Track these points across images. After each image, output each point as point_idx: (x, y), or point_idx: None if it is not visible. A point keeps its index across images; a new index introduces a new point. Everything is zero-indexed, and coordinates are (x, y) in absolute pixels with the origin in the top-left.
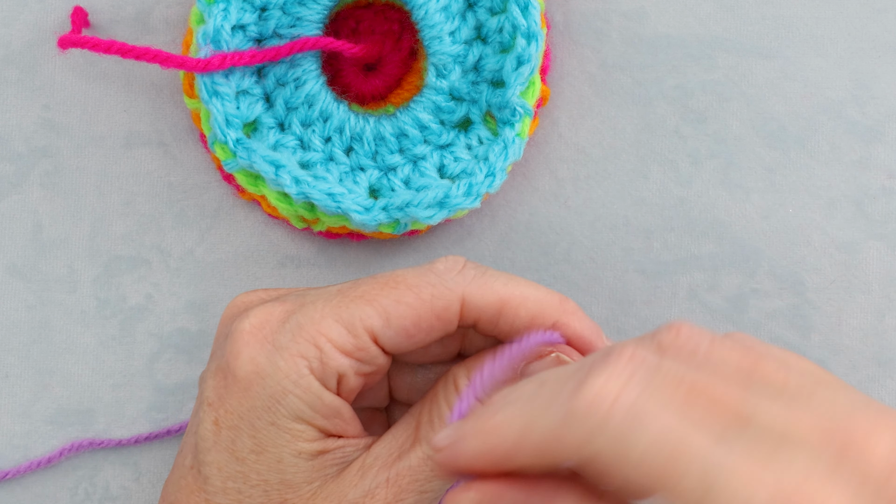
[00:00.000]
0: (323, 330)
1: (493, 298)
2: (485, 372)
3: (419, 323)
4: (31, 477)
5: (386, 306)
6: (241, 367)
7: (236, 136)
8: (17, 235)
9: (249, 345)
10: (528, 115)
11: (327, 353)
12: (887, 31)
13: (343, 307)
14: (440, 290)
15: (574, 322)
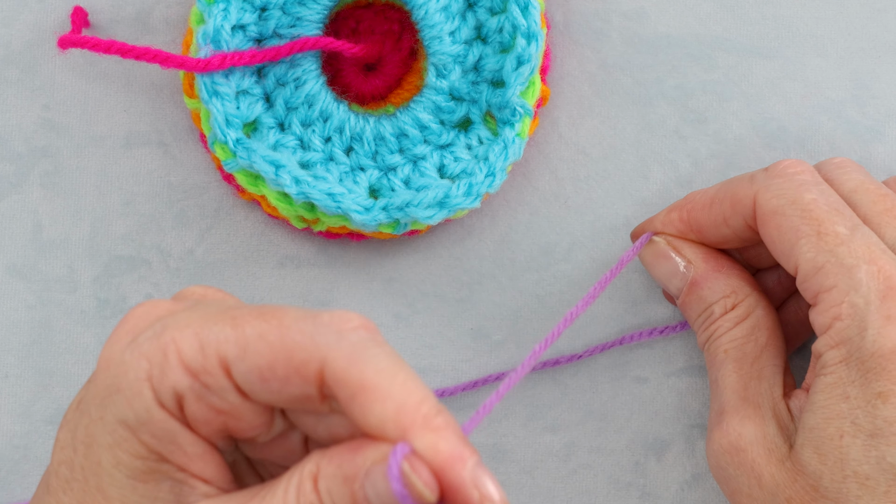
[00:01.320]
0: (178, 339)
1: (354, 377)
2: None
3: (274, 368)
4: (32, 477)
5: (248, 336)
6: (103, 352)
7: (236, 136)
8: (17, 235)
9: (119, 329)
10: (528, 115)
11: (171, 365)
12: (887, 31)
13: (210, 324)
14: (307, 341)
15: (431, 442)
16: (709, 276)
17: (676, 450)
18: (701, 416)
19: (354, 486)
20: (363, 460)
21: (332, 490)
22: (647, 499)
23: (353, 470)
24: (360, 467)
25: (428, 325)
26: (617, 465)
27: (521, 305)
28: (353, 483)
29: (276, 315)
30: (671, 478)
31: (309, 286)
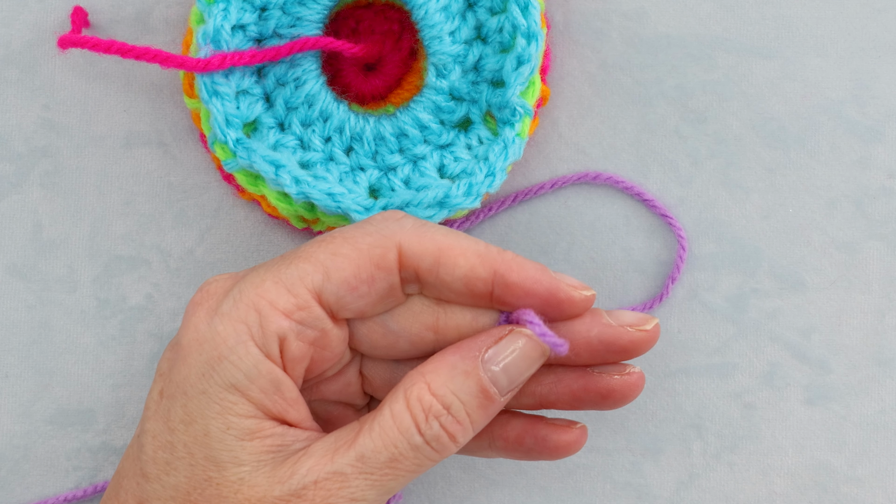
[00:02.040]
0: (263, 293)
1: (431, 246)
2: None
3: (358, 273)
4: (33, 477)
5: (323, 260)
6: (185, 336)
7: (236, 135)
8: (17, 235)
9: (195, 314)
10: (528, 115)
11: (267, 315)
12: (887, 31)
13: (283, 269)
14: (376, 238)
15: (514, 269)
16: None
17: (673, 450)
18: (698, 416)
19: (479, 375)
20: (476, 351)
21: (455, 389)
22: (643, 499)
23: (470, 363)
24: (476, 358)
25: None
26: (614, 466)
27: None
28: (475, 373)
29: (336, 236)
30: (667, 478)
31: None
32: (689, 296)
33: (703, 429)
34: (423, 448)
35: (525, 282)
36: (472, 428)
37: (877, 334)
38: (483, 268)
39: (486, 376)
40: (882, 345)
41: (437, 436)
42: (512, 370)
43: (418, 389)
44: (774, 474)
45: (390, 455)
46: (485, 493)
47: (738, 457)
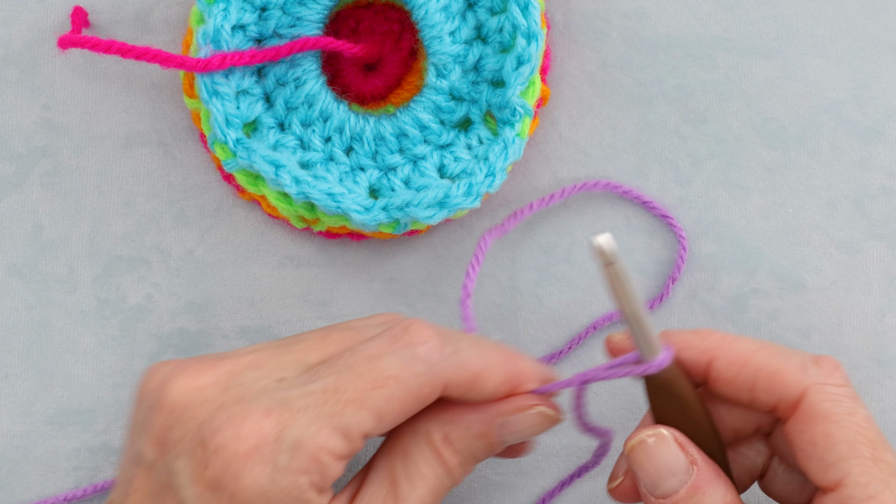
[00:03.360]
0: (321, 443)
1: (468, 376)
2: None
3: (406, 411)
4: (32, 477)
5: (379, 407)
6: (245, 491)
7: (236, 135)
8: (17, 235)
9: (250, 468)
10: (528, 115)
11: (328, 465)
12: (887, 31)
13: (337, 415)
14: (427, 379)
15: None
16: (712, 481)
17: None
18: None
19: (492, 439)
20: (496, 416)
21: (466, 444)
22: None
23: (485, 427)
24: (492, 423)
25: None
26: None
27: (520, 305)
28: (489, 436)
29: (386, 375)
30: None
31: (309, 286)
32: (689, 296)
33: None
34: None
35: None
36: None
37: (877, 334)
38: (503, 382)
39: (497, 438)
40: (882, 345)
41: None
42: (524, 436)
43: (440, 439)
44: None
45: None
46: (485, 494)
47: None
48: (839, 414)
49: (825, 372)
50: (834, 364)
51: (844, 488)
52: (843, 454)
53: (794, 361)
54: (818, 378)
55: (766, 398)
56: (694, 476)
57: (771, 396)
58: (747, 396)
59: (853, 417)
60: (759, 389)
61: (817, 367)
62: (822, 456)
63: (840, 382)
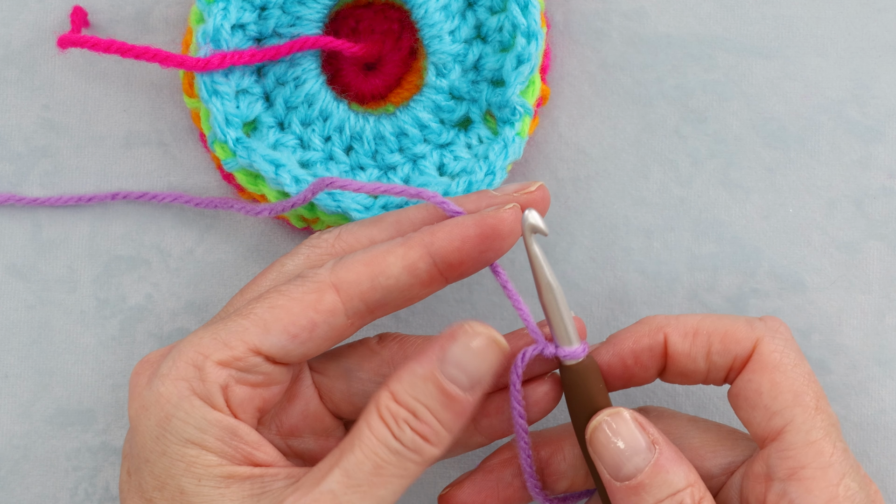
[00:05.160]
0: (200, 349)
1: (360, 266)
2: None
3: (297, 321)
4: (31, 477)
5: (261, 314)
6: (132, 407)
7: (236, 135)
8: (17, 235)
9: (136, 383)
10: (528, 114)
11: (205, 368)
12: (887, 31)
13: (220, 327)
14: (310, 284)
15: (445, 240)
16: (675, 460)
17: None
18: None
19: (436, 377)
20: (433, 353)
21: (416, 394)
22: None
23: (427, 367)
24: (432, 360)
25: (428, 325)
26: None
27: None
28: (433, 376)
29: (272, 290)
30: None
31: None
32: (689, 296)
33: None
34: (404, 452)
35: (460, 244)
36: (443, 429)
37: (877, 334)
38: (415, 253)
39: (443, 377)
40: (882, 345)
41: (412, 439)
42: (469, 367)
43: (385, 399)
44: None
45: (373, 464)
46: None
47: None
48: (786, 365)
49: (773, 326)
50: (779, 322)
51: (786, 434)
52: (788, 402)
53: (741, 321)
54: (767, 331)
55: (722, 360)
56: (657, 455)
57: (726, 357)
58: (704, 365)
59: (799, 369)
60: (715, 353)
61: (764, 323)
62: (768, 404)
63: (787, 337)
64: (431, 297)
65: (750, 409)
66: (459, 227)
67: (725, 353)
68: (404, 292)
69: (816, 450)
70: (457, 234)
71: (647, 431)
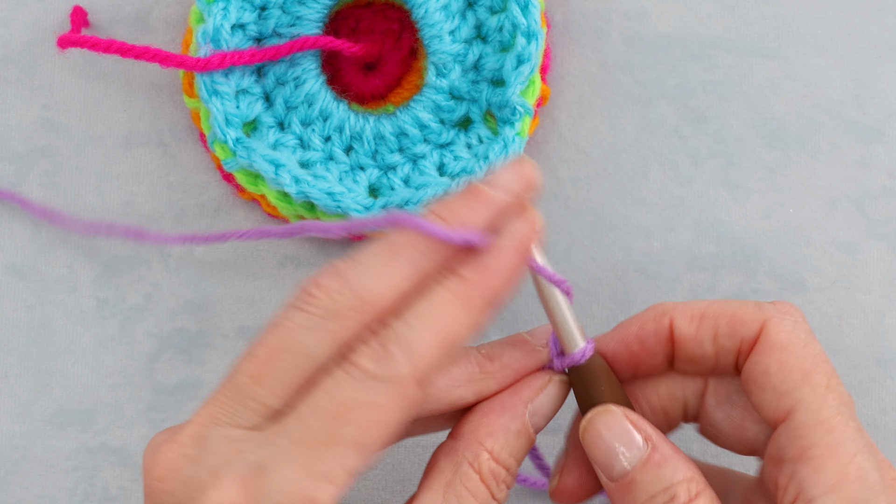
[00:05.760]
0: (305, 492)
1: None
2: None
3: (390, 428)
4: (31, 477)
5: (355, 439)
6: None
7: (236, 135)
8: (17, 235)
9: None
10: (528, 114)
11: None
12: (887, 31)
13: (315, 462)
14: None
15: None
16: (671, 455)
17: None
18: None
19: (530, 432)
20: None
21: (512, 452)
22: None
23: (520, 422)
24: (523, 416)
25: None
26: None
27: (520, 305)
28: (527, 431)
29: (350, 407)
30: None
31: None
32: (689, 296)
33: None
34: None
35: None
36: None
37: (877, 334)
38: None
39: (532, 427)
40: (882, 345)
41: (504, 494)
42: (549, 415)
43: (485, 461)
44: None
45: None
46: None
47: (737, 457)
48: (795, 344)
49: (783, 308)
50: (790, 305)
51: (796, 415)
52: (797, 382)
53: (749, 304)
54: (776, 313)
55: (729, 343)
56: (649, 450)
57: (733, 340)
58: (712, 349)
59: (809, 349)
60: (721, 336)
61: (773, 306)
62: (776, 385)
63: (797, 318)
64: None
65: (759, 392)
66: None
67: (732, 336)
68: None
69: (826, 428)
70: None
71: (639, 427)
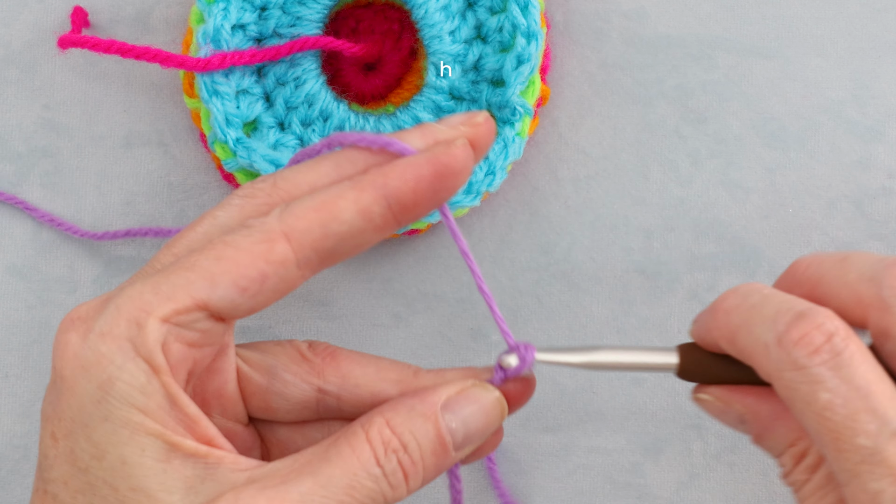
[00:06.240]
0: (142, 305)
1: (311, 213)
2: None
3: (247, 272)
4: (31, 477)
5: (206, 266)
6: (66, 366)
7: (236, 135)
8: (17, 235)
9: (67, 341)
10: (528, 115)
11: (148, 326)
12: (887, 31)
13: (161, 279)
14: (258, 234)
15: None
16: (768, 427)
17: (673, 450)
18: (697, 416)
19: (437, 420)
20: (437, 397)
21: (413, 429)
22: (644, 499)
23: (429, 408)
24: (435, 404)
25: (427, 325)
26: (614, 466)
27: (520, 305)
28: (434, 418)
29: (216, 240)
30: (668, 478)
31: (309, 286)
32: (689, 296)
33: (704, 429)
34: (381, 480)
35: (415, 184)
36: (422, 474)
37: None
38: (369, 196)
39: (443, 423)
40: None
41: (394, 470)
42: (470, 424)
43: (378, 424)
44: (774, 474)
45: (348, 482)
46: (485, 493)
47: (739, 457)
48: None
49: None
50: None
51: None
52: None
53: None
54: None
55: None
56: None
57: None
58: None
59: (812, 408)
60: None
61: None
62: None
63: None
64: (432, 297)
65: None
66: (413, 167)
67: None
68: (356, 238)
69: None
70: (411, 175)
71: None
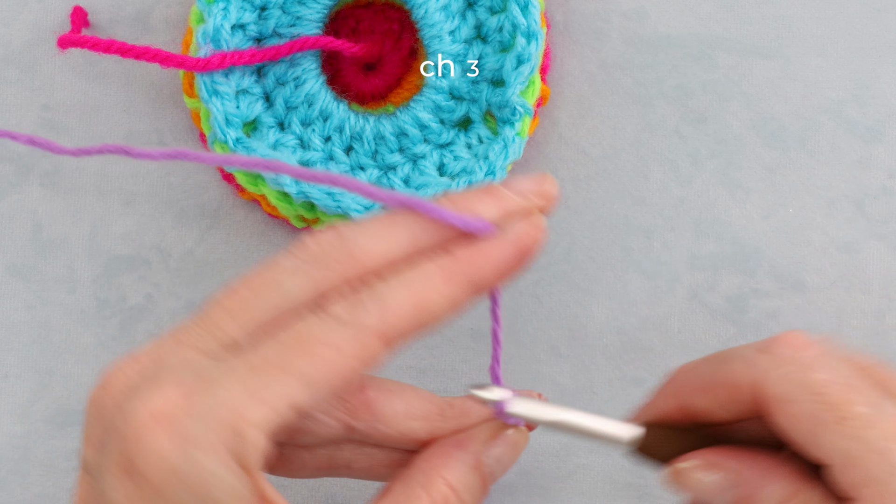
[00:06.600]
0: (240, 412)
1: (411, 315)
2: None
3: (342, 374)
4: (31, 477)
5: (301, 368)
6: (156, 473)
7: (236, 135)
8: (17, 235)
9: (160, 446)
10: (528, 115)
11: (250, 438)
12: (887, 31)
13: (253, 380)
14: (352, 332)
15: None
16: (759, 484)
17: None
18: None
19: (483, 470)
20: (478, 445)
21: (466, 484)
22: (645, 499)
23: (474, 458)
24: (479, 453)
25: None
26: (615, 466)
27: (520, 305)
28: (480, 468)
29: (309, 339)
30: None
31: None
32: (689, 296)
33: None
34: None
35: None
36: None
37: (877, 334)
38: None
39: (487, 470)
40: (882, 345)
41: None
42: (505, 464)
43: (438, 485)
44: None
45: None
46: None
47: None
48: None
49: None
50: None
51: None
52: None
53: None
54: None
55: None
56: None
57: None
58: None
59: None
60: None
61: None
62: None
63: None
64: None
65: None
66: (499, 254)
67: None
68: (439, 325)
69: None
70: (497, 262)
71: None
